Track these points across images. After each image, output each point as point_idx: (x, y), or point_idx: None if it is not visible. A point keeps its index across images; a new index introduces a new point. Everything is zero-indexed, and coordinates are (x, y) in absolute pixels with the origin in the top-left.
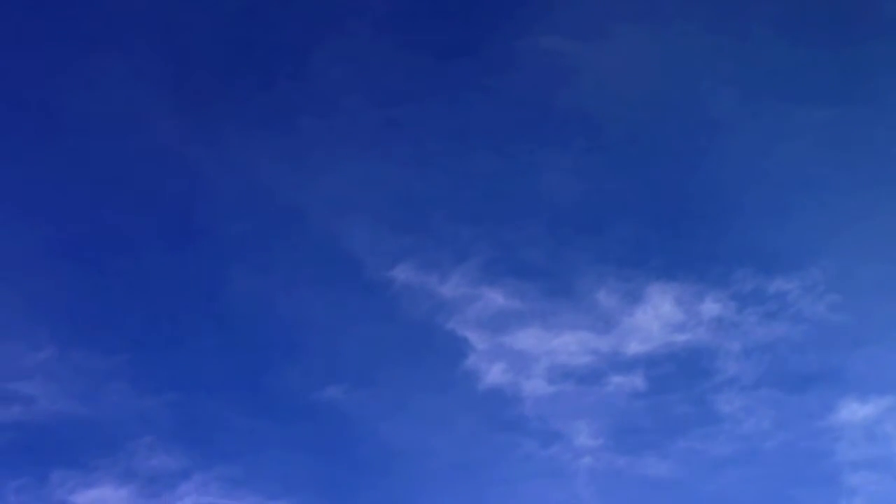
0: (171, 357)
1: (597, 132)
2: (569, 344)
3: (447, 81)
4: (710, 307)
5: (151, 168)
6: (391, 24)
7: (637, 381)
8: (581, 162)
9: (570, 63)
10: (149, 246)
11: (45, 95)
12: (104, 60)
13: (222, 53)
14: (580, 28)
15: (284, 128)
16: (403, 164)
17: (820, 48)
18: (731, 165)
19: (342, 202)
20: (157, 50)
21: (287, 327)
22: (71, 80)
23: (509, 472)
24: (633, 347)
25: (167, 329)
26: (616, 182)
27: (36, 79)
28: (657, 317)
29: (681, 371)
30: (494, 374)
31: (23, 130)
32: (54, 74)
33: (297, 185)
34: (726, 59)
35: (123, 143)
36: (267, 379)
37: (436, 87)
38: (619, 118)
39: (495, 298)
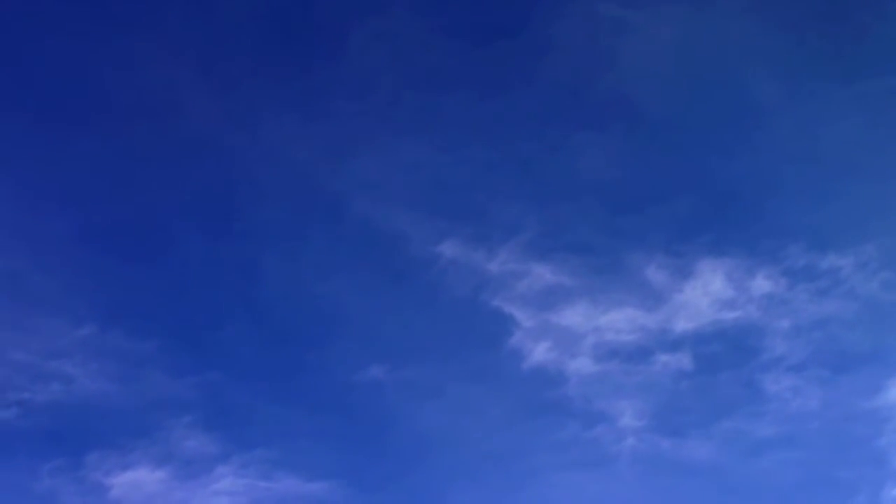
0: (209, 339)
1: (638, 114)
2: (616, 321)
3: (486, 64)
4: (761, 284)
5: (188, 153)
6: (430, 7)
7: (684, 359)
8: (625, 144)
9: (609, 45)
10: (187, 229)
11: (84, 81)
12: (141, 45)
13: (259, 37)
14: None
15: (322, 111)
16: (441, 147)
17: (865, 26)
18: (783, 141)
19: (381, 185)
20: (194, 34)
21: (328, 309)
22: (108, 65)
23: (551, 456)
24: (681, 325)
25: (206, 312)
26: (664, 158)
27: (74, 64)
28: (706, 293)
29: (728, 350)
30: (539, 353)
31: (63, 116)
32: (92, 60)
33: (335, 168)
34: (772, 38)
35: (161, 128)
36: (307, 361)
37: (475, 70)
38: (663, 98)
39: (543, 274)
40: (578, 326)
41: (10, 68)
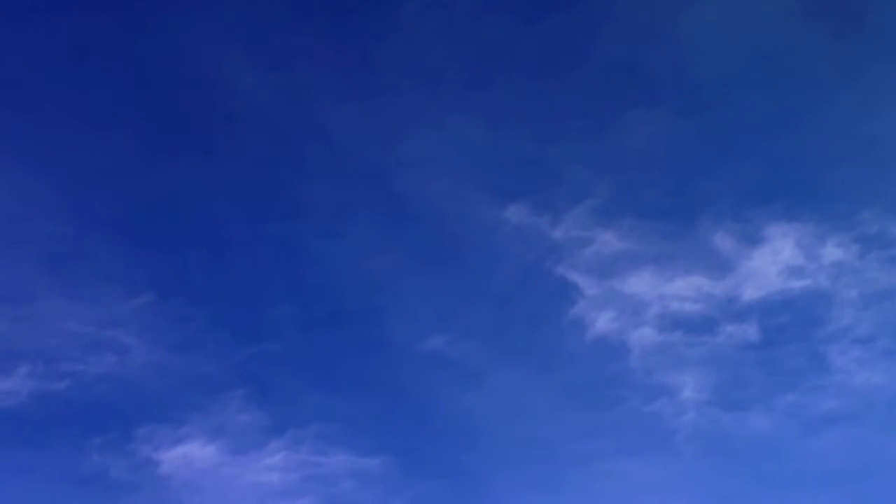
0: (266, 311)
1: (698, 85)
2: (681, 289)
3: (539, 40)
4: (832, 251)
5: (238, 130)
6: None
7: (750, 330)
8: (688, 113)
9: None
10: (239, 204)
11: (137, 59)
12: (190, 21)
13: (308, 13)
14: None
15: (372, 87)
16: (491, 123)
17: None
18: (857, 104)
19: (435, 160)
20: (243, 10)
21: (386, 282)
22: (159, 42)
23: (611, 430)
24: (749, 294)
25: (261, 284)
26: (731, 123)
27: (127, 42)
28: (775, 261)
29: (795, 320)
30: (602, 323)
31: (112, 95)
32: (143, 38)
33: (386, 143)
34: (834, 12)
35: (210, 105)
36: (366, 333)
37: (527, 45)
38: (723, 69)
39: (609, 241)
40: (643, 295)
41: (64, 46)
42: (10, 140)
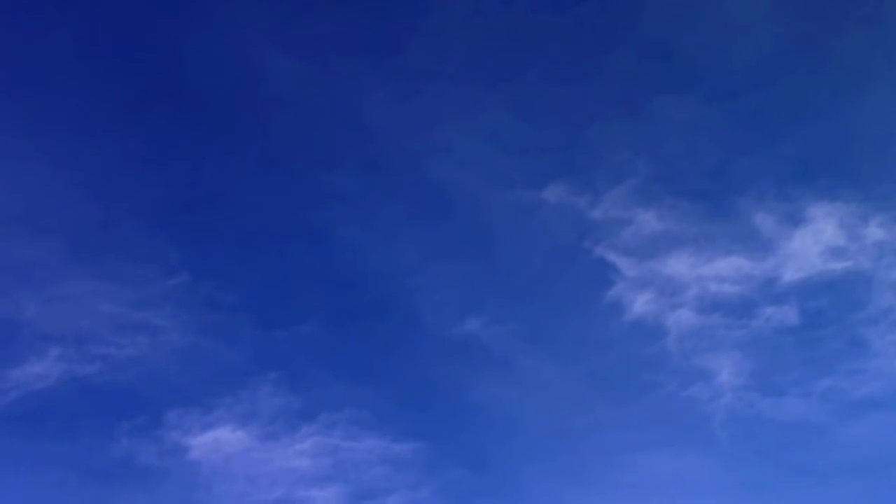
0: (302, 292)
1: (731, 69)
2: (721, 270)
3: (571, 25)
4: (874, 231)
5: (268, 116)
6: None
7: (789, 313)
8: (723, 98)
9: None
10: (272, 191)
11: (168, 46)
12: (224, 8)
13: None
14: None
15: (403, 75)
16: (524, 109)
17: None
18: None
19: (464, 149)
20: None
21: (423, 263)
22: (191, 29)
23: (644, 418)
24: (789, 275)
25: (298, 266)
26: (775, 103)
27: (158, 30)
28: (817, 241)
29: (835, 302)
30: (640, 305)
31: (148, 82)
32: (176, 25)
33: (417, 132)
34: None
35: (242, 91)
36: (402, 315)
37: (558, 31)
38: (760, 51)
39: (648, 221)
40: (682, 276)
41: (100, 34)
42: (47, 122)
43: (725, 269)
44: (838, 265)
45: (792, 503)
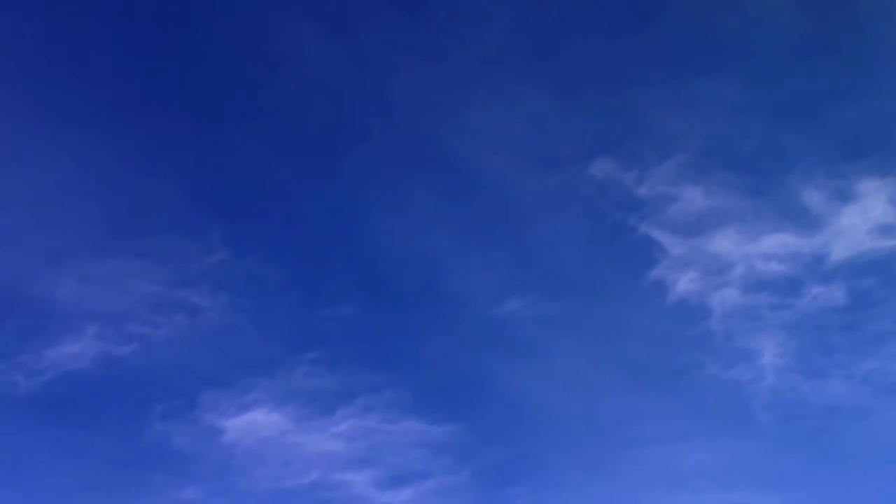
0: (341, 271)
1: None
2: (768, 248)
3: (604, 5)
4: None
5: (301, 95)
6: None
7: (836, 292)
8: (770, 77)
9: None
10: (305, 170)
11: (200, 24)
12: None
13: None
14: None
15: (430, 50)
16: (557, 90)
17: None
18: None
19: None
20: None
21: (462, 242)
22: (223, 7)
23: (688, 397)
24: (837, 253)
25: (337, 245)
26: (825, 76)
27: (190, 8)
28: (866, 219)
29: (883, 281)
30: (684, 284)
31: (183, 60)
32: (208, 3)
33: (447, 114)
34: None
35: (276, 73)
36: (443, 294)
37: (591, 11)
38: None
39: (695, 197)
40: (728, 254)
41: (133, 14)
42: (83, 99)
43: (772, 247)
44: (888, 243)
45: (832, 489)
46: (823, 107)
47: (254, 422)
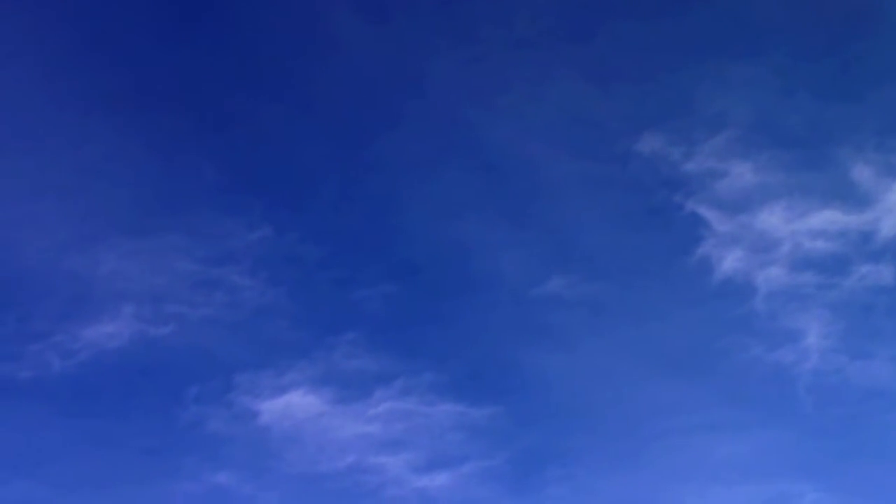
0: (384, 250)
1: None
2: (815, 225)
3: None
4: None
5: (336, 79)
6: None
7: (884, 271)
8: (821, 54)
9: None
10: (340, 154)
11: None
12: None
13: None
14: None
15: (464, 35)
16: (588, 78)
17: None
18: None
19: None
20: None
21: (508, 216)
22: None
23: (730, 379)
24: (886, 230)
25: (378, 223)
26: (873, 52)
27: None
28: None
29: None
30: (729, 263)
31: (221, 40)
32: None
33: (479, 99)
34: None
35: (311, 53)
36: (486, 274)
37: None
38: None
39: (743, 173)
40: (774, 230)
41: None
42: (130, 77)
43: (820, 224)
44: None
45: (874, 477)
46: (874, 81)
47: (290, 404)
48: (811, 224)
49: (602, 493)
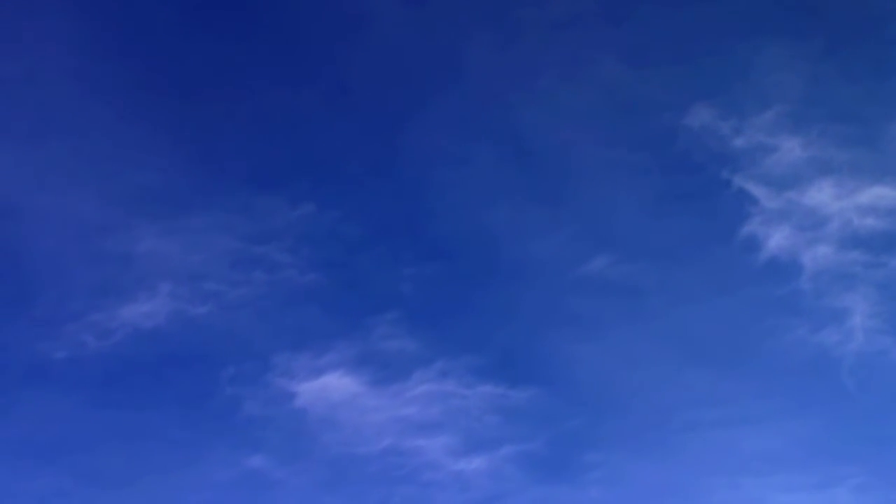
0: (425, 230)
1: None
2: (866, 201)
3: None
4: None
5: (371, 59)
6: None
7: None
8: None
9: None
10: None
11: (290, 9)
12: None
13: None
14: None
15: (500, 16)
16: (626, 60)
17: None
18: None
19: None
20: None
21: (554, 192)
22: None
23: (773, 362)
24: None
25: (418, 203)
26: None
27: None
28: None
29: None
30: (776, 241)
31: (272, 33)
32: None
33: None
34: None
35: (347, 35)
36: (529, 253)
37: None
38: None
39: (793, 149)
40: (823, 207)
41: None
42: (170, 56)
43: (870, 201)
44: None
45: None
46: None
47: (327, 386)
48: (861, 201)
49: (637, 481)
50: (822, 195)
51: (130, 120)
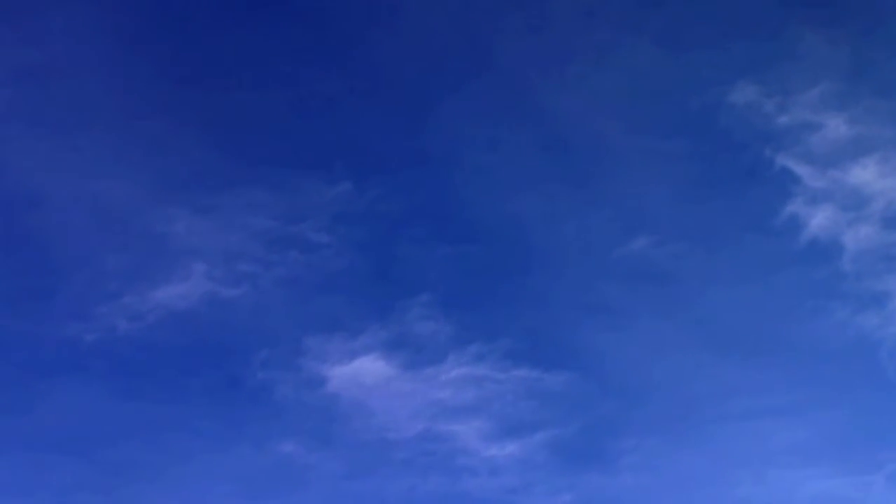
0: (459, 213)
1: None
2: None
3: None
4: None
5: (397, 43)
6: None
7: None
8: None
9: None
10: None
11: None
12: None
13: None
14: None
15: (532, 3)
16: (660, 44)
17: None
18: None
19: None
20: None
21: (592, 171)
22: None
23: (810, 347)
24: None
25: (451, 184)
26: None
27: None
28: None
29: None
30: (819, 221)
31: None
32: None
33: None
34: None
35: (374, 21)
36: (563, 232)
37: None
38: None
39: (838, 126)
40: (867, 186)
41: None
42: (208, 38)
43: None
44: None
45: None
46: None
47: (359, 370)
48: None
49: (669, 469)
50: (866, 173)
51: (164, 105)
